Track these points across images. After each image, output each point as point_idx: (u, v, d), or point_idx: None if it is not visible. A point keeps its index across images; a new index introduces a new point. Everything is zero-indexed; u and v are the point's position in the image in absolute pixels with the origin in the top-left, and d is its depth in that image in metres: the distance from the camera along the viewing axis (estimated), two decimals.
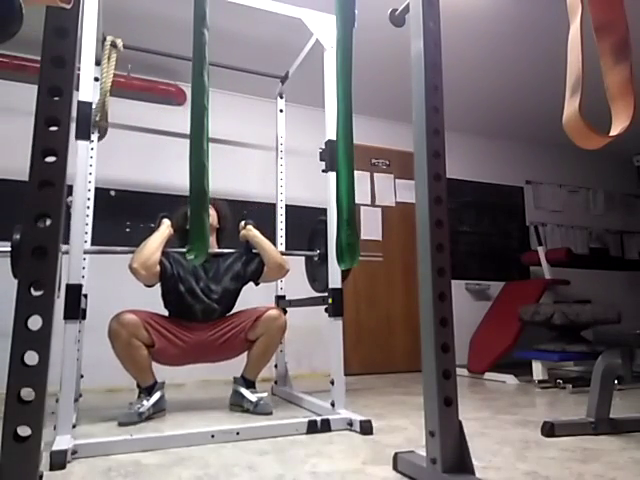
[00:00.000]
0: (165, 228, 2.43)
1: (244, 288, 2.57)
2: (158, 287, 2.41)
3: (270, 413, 2.26)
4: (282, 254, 2.66)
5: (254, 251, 2.58)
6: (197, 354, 2.39)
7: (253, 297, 2.63)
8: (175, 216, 2.52)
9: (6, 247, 1.67)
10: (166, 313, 2.46)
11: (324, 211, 2.34)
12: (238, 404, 2.36)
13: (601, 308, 3.30)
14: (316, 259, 2.72)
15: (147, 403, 2.15)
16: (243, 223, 2.65)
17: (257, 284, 2.61)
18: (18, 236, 1.59)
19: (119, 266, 2.89)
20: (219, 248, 2.59)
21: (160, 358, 2.31)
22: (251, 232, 2.58)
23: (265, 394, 2.36)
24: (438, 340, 1.25)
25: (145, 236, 2.38)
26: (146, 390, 2.22)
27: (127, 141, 3.42)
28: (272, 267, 2.52)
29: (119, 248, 2.47)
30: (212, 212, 2.50)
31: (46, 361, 0.89)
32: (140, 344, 2.20)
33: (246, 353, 2.43)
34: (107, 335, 2.16)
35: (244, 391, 2.35)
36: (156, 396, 2.20)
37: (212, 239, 2.56)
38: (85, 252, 2.18)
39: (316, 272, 2.75)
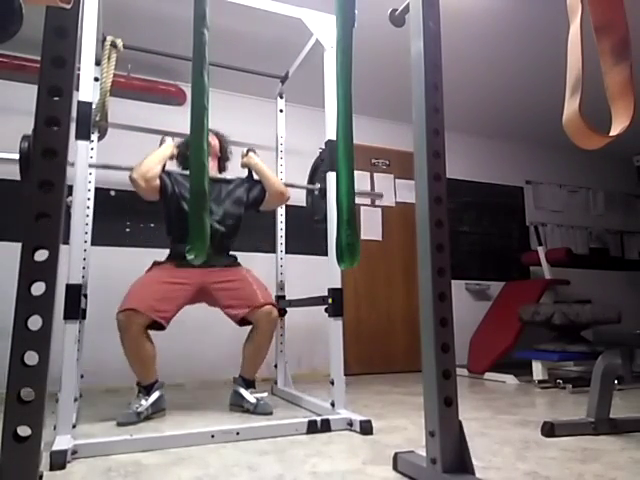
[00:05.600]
0: (167, 146, 2.48)
1: None
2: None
3: (270, 413, 2.26)
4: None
5: (256, 178, 2.62)
6: (199, 296, 2.40)
7: None
8: (177, 143, 2.56)
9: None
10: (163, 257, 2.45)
11: None
12: (238, 404, 2.36)
13: (601, 308, 3.30)
14: (316, 193, 2.76)
15: (145, 403, 2.14)
16: (245, 150, 2.70)
17: (258, 211, 2.66)
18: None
19: (120, 266, 2.89)
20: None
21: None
22: (253, 159, 2.64)
23: (265, 394, 2.36)
24: (438, 340, 1.25)
25: (146, 235, 2.37)
26: (145, 389, 2.21)
27: (127, 141, 3.42)
28: (273, 193, 2.58)
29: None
30: (214, 140, 2.59)
31: (46, 361, 0.89)
32: (148, 339, 2.20)
33: (241, 351, 2.41)
34: (117, 328, 2.14)
35: (243, 392, 2.34)
36: (155, 395, 2.19)
37: (214, 164, 2.62)
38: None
39: (316, 207, 2.82)
